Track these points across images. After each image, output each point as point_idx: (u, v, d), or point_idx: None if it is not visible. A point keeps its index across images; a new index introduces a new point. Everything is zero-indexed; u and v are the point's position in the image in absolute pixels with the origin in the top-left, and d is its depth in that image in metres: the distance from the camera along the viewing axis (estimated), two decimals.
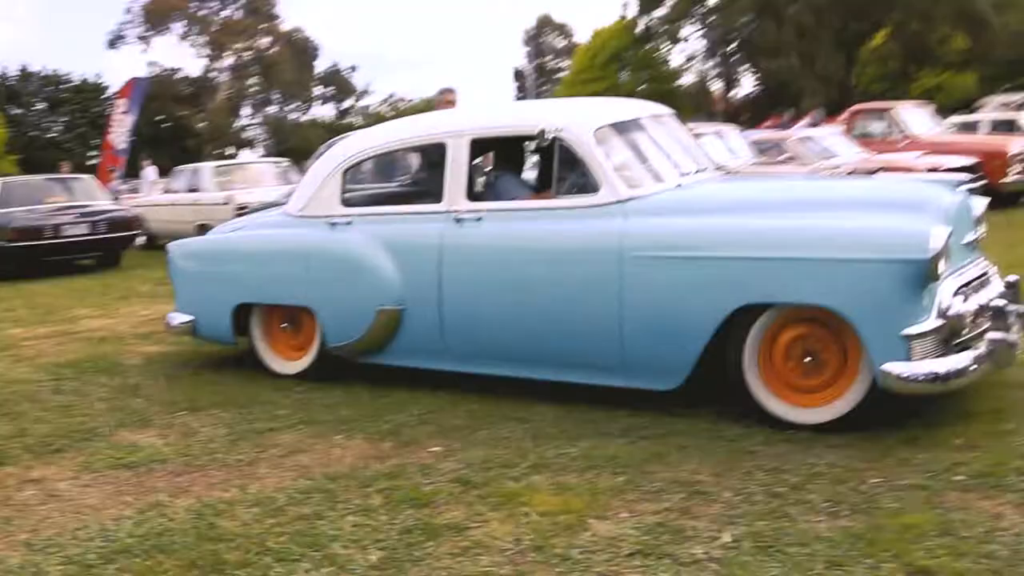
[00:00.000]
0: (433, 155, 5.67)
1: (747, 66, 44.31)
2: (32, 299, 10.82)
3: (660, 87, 47.39)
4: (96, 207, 13.98)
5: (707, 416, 4.67)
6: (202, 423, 5.12)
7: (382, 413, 5.11)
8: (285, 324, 6.08)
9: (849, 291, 4.15)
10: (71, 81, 60.99)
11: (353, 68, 65.14)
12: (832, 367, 4.36)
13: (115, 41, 59.62)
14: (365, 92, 65.90)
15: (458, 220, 5.28)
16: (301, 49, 61.02)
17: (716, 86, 47.89)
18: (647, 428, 4.59)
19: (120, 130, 23.15)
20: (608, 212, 4.85)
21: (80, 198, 14.27)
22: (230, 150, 55.39)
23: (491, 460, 4.27)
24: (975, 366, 4.10)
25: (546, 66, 71.07)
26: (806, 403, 4.40)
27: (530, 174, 6.23)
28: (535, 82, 66.23)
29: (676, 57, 47.67)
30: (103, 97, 63.98)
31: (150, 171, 20.79)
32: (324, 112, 65.05)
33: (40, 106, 60.29)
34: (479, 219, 5.24)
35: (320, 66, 63.41)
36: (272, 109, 62.51)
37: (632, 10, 43.85)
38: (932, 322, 4.08)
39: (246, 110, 61.85)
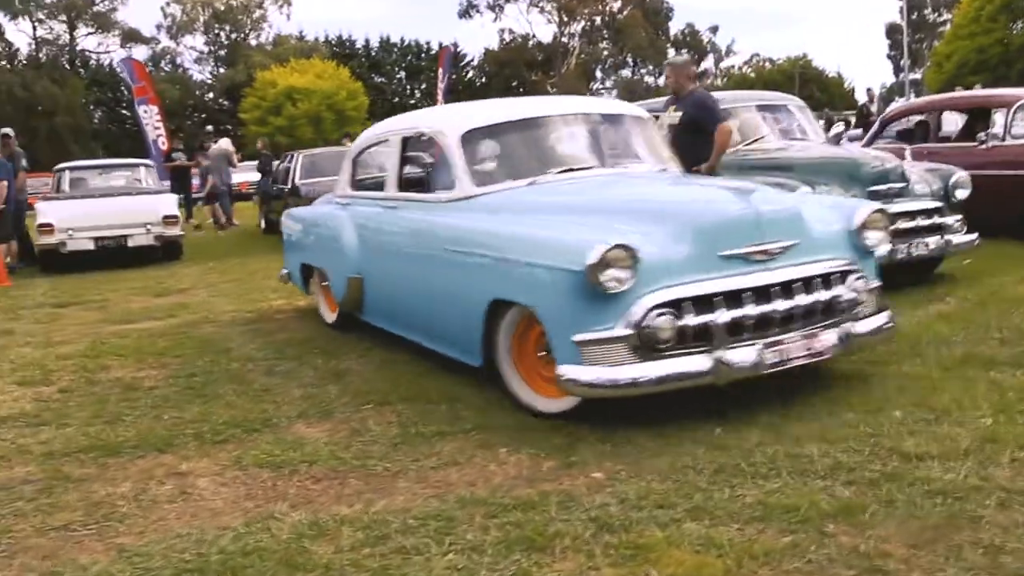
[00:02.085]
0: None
1: None
2: None
3: None
4: None
5: (944, 461, 3.54)
6: (380, 420, 4.73)
7: (570, 423, 4.43)
8: (325, 282, 7.14)
9: (539, 295, 4.45)
10: (430, 50, 65.09)
11: (715, 29, 63.60)
12: None
13: (467, 10, 62.38)
14: (730, 51, 64.20)
15: (387, 207, 6.21)
16: (654, 11, 60.50)
17: None
18: (860, 470, 3.58)
19: (441, 97, 24.22)
20: (452, 207, 5.44)
21: None
22: None
23: (649, 496, 3.48)
24: (659, 378, 4.14)
25: (925, 20, 65.21)
26: (551, 393, 4.52)
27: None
28: (911, 38, 60.68)
29: None
30: (460, 64, 68.14)
31: None
32: None
33: (400, 75, 64.92)
34: (395, 207, 6.08)
35: (675, 27, 62.53)
36: (626, 73, 62.66)
37: None
38: (616, 331, 4.15)
39: (599, 75, 62.54)
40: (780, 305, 4.39)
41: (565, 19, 60.25)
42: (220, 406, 5.15)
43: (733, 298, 4.30)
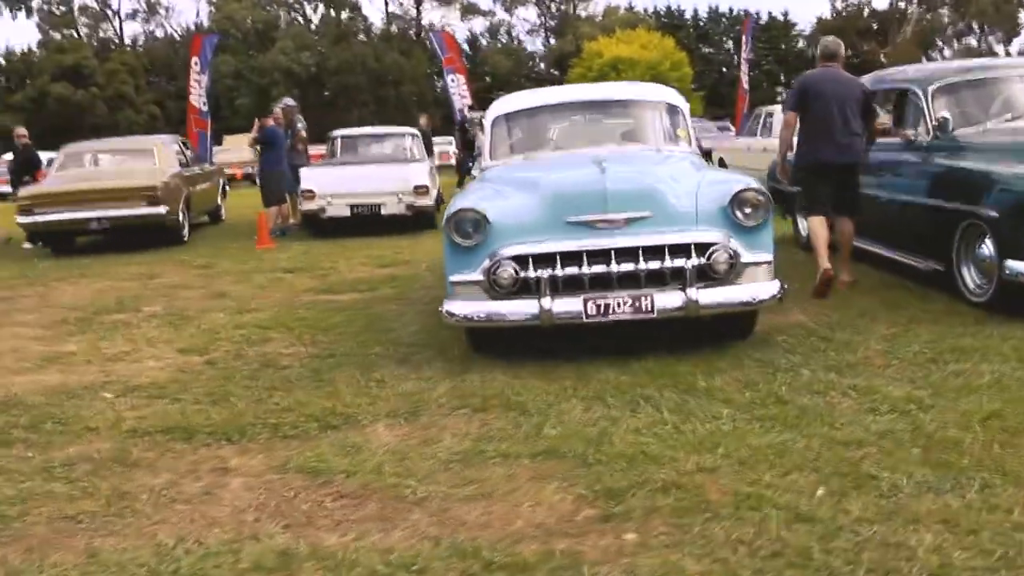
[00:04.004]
0: None
1: None
2: None
3: None
4: None
5: None
6: (459, 430, 4.29)
7: (650, 461, 3.75)
8: None
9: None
10: (759, 20, 63.17)
11: None
12: None
13: None
14: None
15: (484, 169, 6.76)
16: None
17: None
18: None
19: (744, 68, 22.96)
20: (478, 177, 6.81)
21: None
22: None
23: None
24: (487, 315, 5.21)
25: None
26: None
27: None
28: None
29: None
30: (790, 35, 65.11)
31: None
32: None
33: (728, 45, 63.27)
34: (484, 170, 6.71)
35: None
36: (971, 40, 56.94)
37: None
38: (473, 276, 5.21)
39: (939, 43, 57.26)
40: (607, 267, 5.07)
41: None
42: (322, 395, 4.94)
43: (572, 258, 5.10)
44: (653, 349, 5.32)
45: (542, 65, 71.44)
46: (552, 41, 70.56)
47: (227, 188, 16.54)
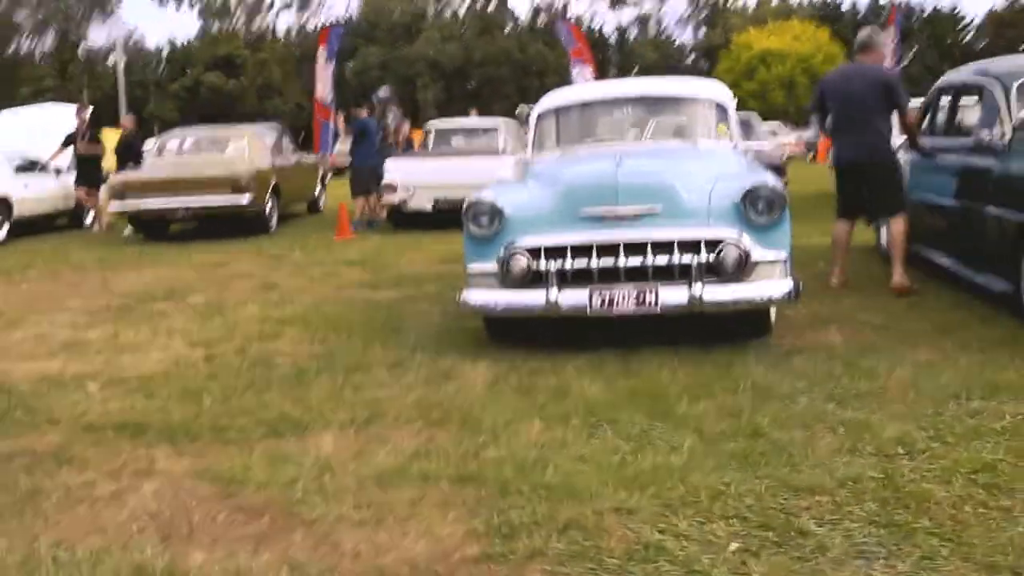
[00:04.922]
0: None
1: None
2: None
3: None
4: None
5: None
6: (399, 445, 4.07)
7: (570, 495, 3.46)
8: None
9: None
10: (923, 13, 60.68)
11: None
12: None
13: None
14: None
15: (525, 164, 6.94)
16: None
17: None
18: None
19: (890, 60, 21.77)
20: (522, 170, 6.95)
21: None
22: None
23: None
24: (504, 306, 5.34)
25: None
26: None
27: None
28: None
29: None
30: (959, 28, 62.00)
31: None
32: None
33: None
34: (526, 164, 6.87)
35: None
36: None
37: None
38: (488, 266, 5.33)
39: None
40: (615, 260, 5.11)
41: None
42: (290, 399, 4.80)
43: (582, 250, 5.15)
44: (654, 365, 5.02)
45: (691, 57, 70.15)
46: (701, 33, 69.17)
47: (327, 178, 16.76)
